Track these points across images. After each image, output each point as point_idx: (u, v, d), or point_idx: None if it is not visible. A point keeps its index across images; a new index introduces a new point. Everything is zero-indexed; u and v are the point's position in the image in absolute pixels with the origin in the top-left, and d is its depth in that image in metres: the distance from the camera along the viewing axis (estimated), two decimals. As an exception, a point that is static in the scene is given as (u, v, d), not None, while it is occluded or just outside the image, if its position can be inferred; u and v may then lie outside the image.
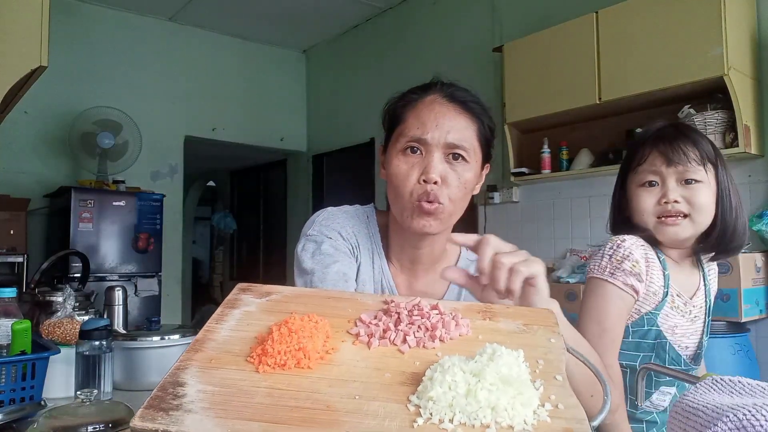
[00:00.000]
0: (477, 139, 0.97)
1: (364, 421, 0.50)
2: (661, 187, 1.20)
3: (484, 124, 0.98)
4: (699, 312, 1.28)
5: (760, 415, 0.51)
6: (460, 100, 0.96)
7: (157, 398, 0.52)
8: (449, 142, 0.93)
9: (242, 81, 5.51)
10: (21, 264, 3.70)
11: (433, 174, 0.92)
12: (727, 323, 2.49)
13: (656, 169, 1.20)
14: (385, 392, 0.55)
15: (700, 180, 1.18)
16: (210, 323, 0.66)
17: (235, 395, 0.54)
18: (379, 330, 0.64)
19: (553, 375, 0.57)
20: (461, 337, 0.64)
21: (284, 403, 0.52)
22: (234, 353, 0.60)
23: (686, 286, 1.27)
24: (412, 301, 0.70)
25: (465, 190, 0.96)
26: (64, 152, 4.43)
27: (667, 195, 1.18)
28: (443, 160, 0.94)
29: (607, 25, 2.99)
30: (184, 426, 0.49)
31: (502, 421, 0.50)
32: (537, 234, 3.58)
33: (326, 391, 0.54)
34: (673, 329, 1.22)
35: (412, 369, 0.58)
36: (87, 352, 1.29)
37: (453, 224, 1.01)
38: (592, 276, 1.22)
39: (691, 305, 1.26)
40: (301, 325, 0.61)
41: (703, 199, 1.18)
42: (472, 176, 0.96)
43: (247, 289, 0.73)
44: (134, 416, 0.50)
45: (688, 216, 1.18)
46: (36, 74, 2.13)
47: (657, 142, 1.20)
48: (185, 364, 0.58)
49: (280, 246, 6.26)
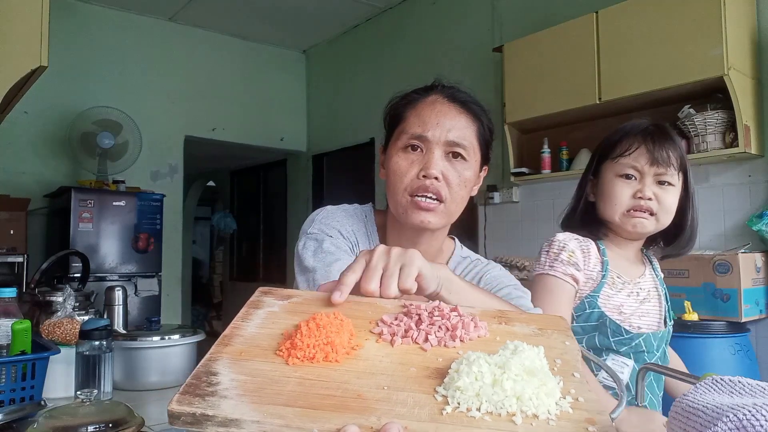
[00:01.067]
0: (477, 139, 0.98)
1: (394, 409, 0.52)
2: (639, 182, 1.26)
3: (483, 125, 1.00)
4: (648, 295, 1.31)
5: (760, 415, 0.51)
6: (461, 100, 0.98)
7: (192, 386, 0.54)
8: (450, 140, 0.95)
9: (242, 81, 5.51)
10: (21, 264, 3.70)
11: (434, 170, 0.93)
12: (727, 323, 2.49)
13: (639, 165, 1.25)
14: (412, 384, 0.56)
15: (673, 184, 1.26)
16: (236, 321, 0.67)
17: (268, 384, 0.55)
18: (401, 329, 0.65)
19: (571, 372, 0.59)
20: (480, 338, 0.66)
21: (315, 392, 0.54)
22: (263, 347, 0.62)
23: (630, 270, 1.32)
24: (432, 304, 0.71)
25: (465, 189, 0.97)
26: (64, 152, 4.43)
27: (643, 191, 1.24)
28: (443, 158, 0.95)
29: (607, 25, 2.99)
30: (221, 410, 0.51)
31: (528, 410, 0.51)
32: (537, 234, 3.58)
33: (355, 382, 0.56)
34: (620, 308, 1.26)
35: (436, 365, 0.60)
36: (87, 352, 1.29)
37: (452, 222, 1.02)
38: (535, 274, 1.29)
39: (638, 287, 1.31)
40: (328, 321, 0.63)
41: (671, 200, 1.26)
42: (471, 175, 0.98)
43: (269, 292, 0.75)
44: (170, 401, 0.51)
45: (654, 214, 1.25)
46: (36, 74, 2.13)
47: (646, 139, 1.25)
48: (216, 356, 0.60)
49: (280, 246, 6.25)
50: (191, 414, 0.50)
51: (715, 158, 2.75)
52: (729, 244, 2.76)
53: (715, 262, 2.53)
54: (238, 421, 0.50)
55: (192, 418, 0.50)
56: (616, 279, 1.28)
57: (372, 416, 0.50)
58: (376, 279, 0.69)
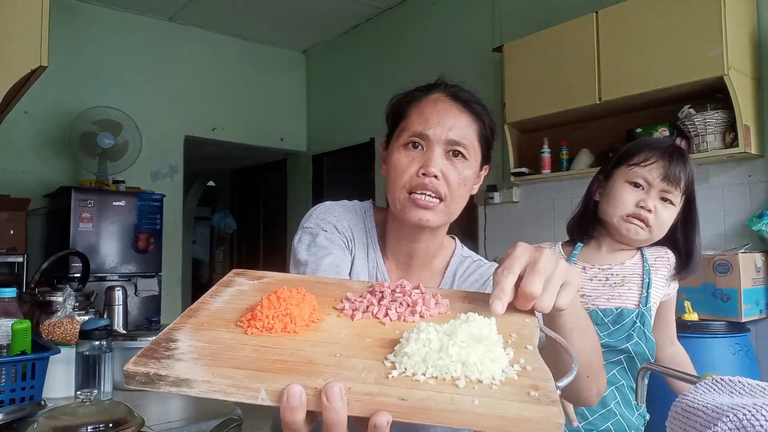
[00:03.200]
0: (477, 138, 0.98)
1: (342, 373, 0.54)
2: (645, 193, 1.34)
3: (485, 124, 0.99)
4: (623, 281, 1.38)
5: (760, 415, 0.51)
6: (463, 99, 0.98)
7: (150, 350, 0.56)
8: (450, 138, 0.94)
9: (242, 81, 5.51)
10: (21, 264, 3.70)
11: (433, 168, 0.93)
12: (727, 323, 2.49)
13: (650, 177, 1.34)
14: (365, 352, 0.58)
15: (674, 203, 1.34)
16: (204, 297, 0.70)
17: (223, 350, 0.57)
18: (363, 305, 0.68)
19: (524, 345, 0.61)
20: (440, 315, 0.68)
21: (268, 357, 0.56)
22: (225, 319, 0.64)
23: (602, 259, 1.42)
24: (397, 282, 0.74)
25: (465, 187, 0.97)
26: (64, 152, 4.43)
27: (647, 202, 1.33)
28: (444, 156, 0.95)
29: (607, 25, 2.99)
30: (174, 371, 0.53)
31: (471, 375, 0.53)
32: (537, 234, 3.58)
33: (309, 350, 0.58)
34: (581, 289, 1.36)
35: (392, 336, 0.61)
36: (87, 352, 1.29)
37: (452, 220, 1.01)
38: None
39: (609, 273, 1.40)
40: (290, 295, 0.65)
41: (667, 217, 1.35)
42: (471, 174, 0.98)
43: (242, 273, 0.78)
44: (127, 363, 0.54)
45: (650, 226, 1.34)
46: (36, 74, 2.13)
47: (665, 156, 1.33)
48: (178, 326, 0.62)
49: (280, 246, 6.26)
50: (145, 374, 0.53)
51: (715, 158, 2.75)
52: (729, 244, 2.76)
53: (715, 262, 2.53)
54: (189, 380, 0.52)
55: (146, 378, 0.53)
56: (579, 267, 1.40)
57: (319, 378, 0.52)
58: (541, 282, 0.65)
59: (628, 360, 1.32)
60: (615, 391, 1.32)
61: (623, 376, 1.33)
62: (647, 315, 1.31)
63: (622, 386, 1.33)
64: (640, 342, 1.29)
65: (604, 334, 1.30)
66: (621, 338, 1.31)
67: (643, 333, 1.30)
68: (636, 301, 1.34)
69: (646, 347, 1.30)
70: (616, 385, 1.33)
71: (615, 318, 1.32)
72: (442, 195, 0.94)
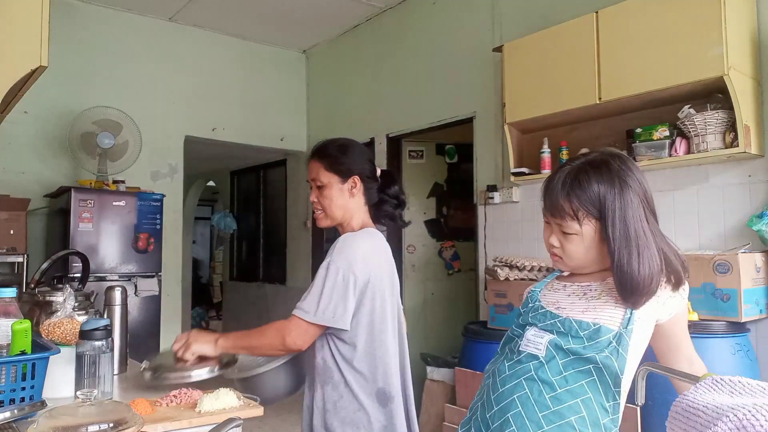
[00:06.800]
0: (325, 170, 1.70)
1: None
2: (550, 228, 1.34)
3: (328, 156, 1.72)
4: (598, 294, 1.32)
5: (760, 415, 0.51)
6: (313, 152, 1.74)
7: None
8: (311, 179, 1.74)
9: (242, 81, 5.51)
10: (21, 264, 3.70)
11: (311, 198, 1.76)
12: (727, 323, 2.49)
13: (546, 218, 1.34)
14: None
15: (573, 233, 1.28)
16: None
17: None
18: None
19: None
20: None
21: None
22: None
23: (583, 278, 1.37)
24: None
25: (331, 201, 1.70)
26: (64, 152, 4.43)
27: (549, 239, 1.35)
28: (315, 190, 1.74)
29: (607, 25, 2.99)
30: None
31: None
32: (537, 234, 3.58)
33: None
34: (556, 303, 1.33)
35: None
36: (87, 352, 1.29)
37: (336, 221, 1.72)
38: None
39: (587, 288, 1.34)
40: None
41: (573, 248, 1.30)
42: (331, 192, 1.70)
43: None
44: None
45: (563, 260, 1.34)
46: (36, 74, 2.13)
47: (544, 193, 1.32)
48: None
49: (280, 246, 6.25)
50: None
51: (715, 158, 2.75)
52: (729, 244, 2.76)
53: (715, 262, 2.53)
54: None
55: None
56: (555, 283, 1.40)
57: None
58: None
59: (597, 372, 1.20)
60: (580, 404, 1.18)
61: (593, 390, 1.19)
62: (625, 336, 1.21)
63: (589, 400, 1.18)
64: (611, 357, 1.19)
65: (577, 347, 1.21)
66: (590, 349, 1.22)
67: (616, 350, 1.20)
68: (618, 322, 1.23)
69: (616, 362, 1.19)
70: (582, 398, 1.18)
71: (591, 333, 1.22)
72: (324, 208, 1.73)
